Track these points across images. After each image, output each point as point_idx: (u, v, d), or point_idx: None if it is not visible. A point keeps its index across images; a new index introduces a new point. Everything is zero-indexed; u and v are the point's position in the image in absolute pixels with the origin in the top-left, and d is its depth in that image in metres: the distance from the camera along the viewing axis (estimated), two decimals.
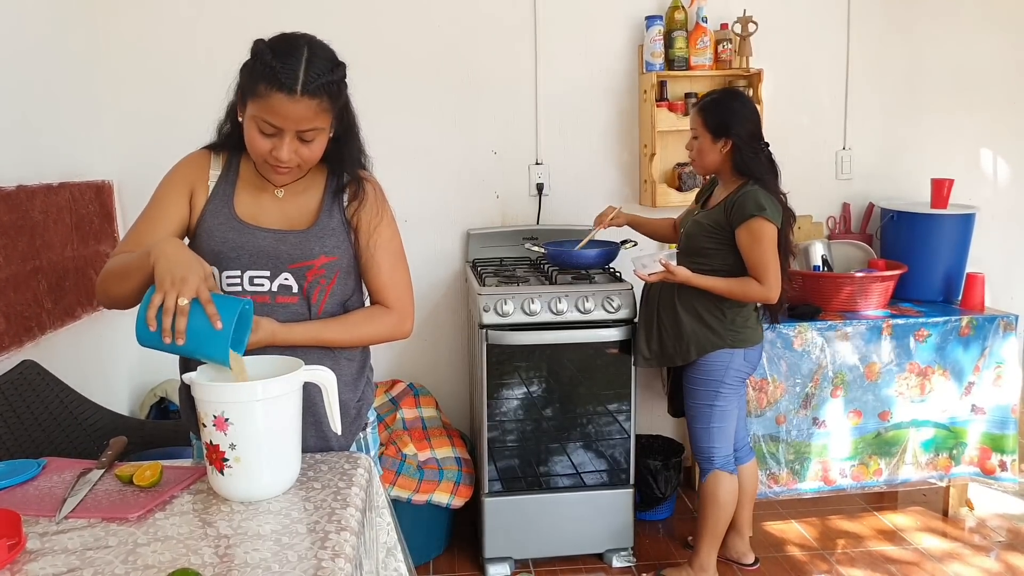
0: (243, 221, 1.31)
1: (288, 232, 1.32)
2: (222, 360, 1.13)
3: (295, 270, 1.31)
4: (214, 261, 1.29)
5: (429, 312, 2.82)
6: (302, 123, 1.21)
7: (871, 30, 2.91)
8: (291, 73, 1.18)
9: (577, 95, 2.80)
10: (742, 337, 2.12)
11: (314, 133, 1.24)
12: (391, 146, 2.73)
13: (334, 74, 1.23)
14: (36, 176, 2.05)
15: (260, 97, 1.20)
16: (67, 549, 1.04)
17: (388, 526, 1.37)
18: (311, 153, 1.26)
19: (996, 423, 2.60)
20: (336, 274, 1.34)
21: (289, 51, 1.20)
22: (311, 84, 1.19)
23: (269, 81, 1.18)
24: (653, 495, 2.65)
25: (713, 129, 2.07)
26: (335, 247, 1.33)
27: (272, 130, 1.22)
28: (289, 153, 1.23)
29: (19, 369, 1.84)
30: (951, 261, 2.74)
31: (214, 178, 1.34)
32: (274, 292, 1.31)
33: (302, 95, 1.19)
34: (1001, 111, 3.02)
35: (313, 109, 1.21)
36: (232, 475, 1.14)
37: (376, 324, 1.37)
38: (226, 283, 1.31)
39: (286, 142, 1.22)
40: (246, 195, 1.34)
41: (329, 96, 1.22)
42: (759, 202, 2.00)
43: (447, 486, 2.38)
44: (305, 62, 1.19)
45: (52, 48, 2.23)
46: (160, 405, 2.53)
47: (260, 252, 1.30)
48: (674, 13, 2.70)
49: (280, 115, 1.20)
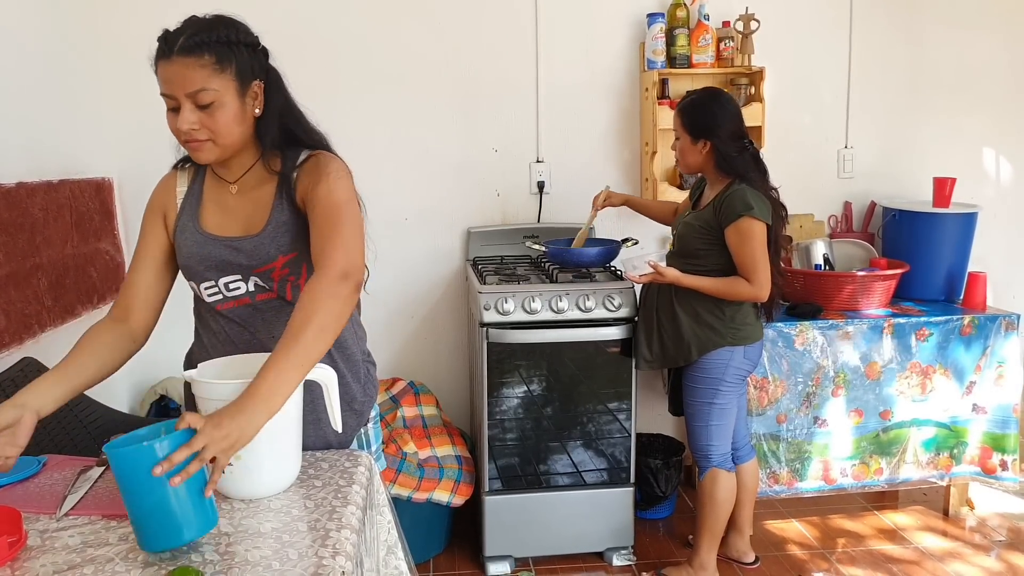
0: (205, 233, 1.32)
1: (243, 239, 1.30)
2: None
3: (260, 274, 1.30)
4: (189, 276, 1.34)
5: (429, 310, 2.81)
6: (186, 85, 1.19)
7: (873, 28, 2.90)
8: (172, 39, 1.20)
9: (578, 93, 2.79)
10: (742, 335, 2.11)
11: (206, 96, 1.20)
12: (392, 144, 2.73)
13: (216, 33, 1.21)
14: (36, 173, 2.05)
15: (156, 75, 1.22)
16: (68, 546, 1.03)
17: (389, 524, 1.37)
18: (214, 122, 1.22)
19: (997, 422, 2.60)
20: (303, 267, 1.31)
21: (183, 24, 1.23)
22: (188, 43, 1.19)
23: (156, 54, 1.22)
24: (653, 494, 2.65)
25: (691, 130, 2.08)
26: (291, 243, 1.29)
27: (172, 103, 1.22)
28: (188, 122, 1.21)
29: (19, 366, 1.84)
30: (953, 260, 2.74)
31: (181, 195, 1.36)
32: (252, 292, 1.32)
33: (177, 54, 1.19)
34: (1004, 110, 3.01)
35: (193, 68, 1.19)
36: (232, 473, 1.14)
37: (318, 307, 1.11)
38: (206, 294, 1.33)
39: (184, 111, 1.21)
40: (211, 204, 1.34)
41: (213, 55, 1.20)
42: (746, 201, 2.00)
43: (447, 484, 2.38)
44: (188, 27, 1.21)
45: (52, 45, 2.23)
46: (160, 403, 2.53)
47: (223, 262, 1.30)
48: (676, 11, 2.69)
49: (165, 81, 1.21)
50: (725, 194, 2.05)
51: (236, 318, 1.33)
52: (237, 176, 1.33)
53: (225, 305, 1.32)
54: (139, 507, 0.98)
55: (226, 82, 1.22)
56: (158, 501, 0.97)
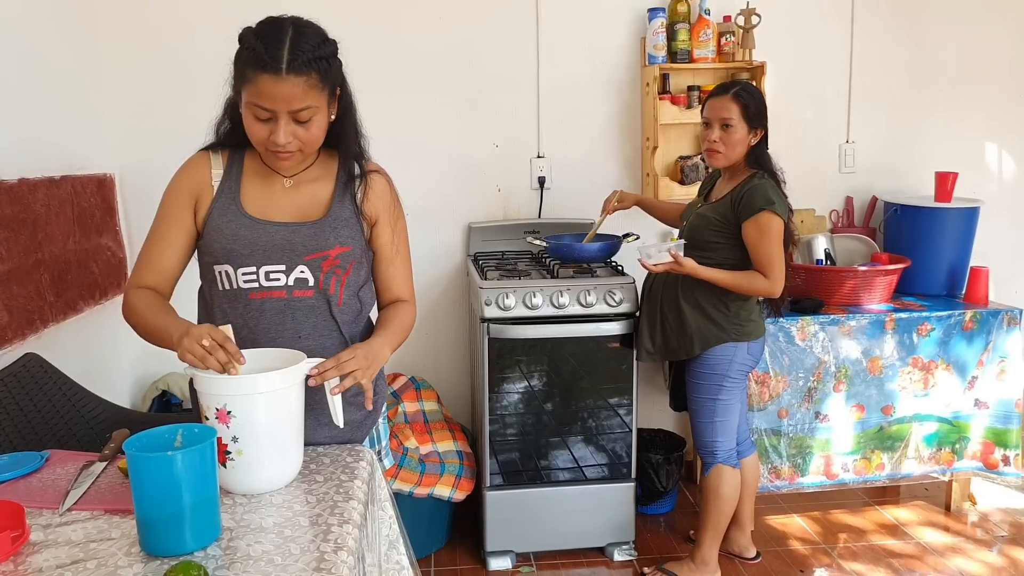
0: (253, 217, 1.31)
1: (301, 224, 1.31)
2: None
3: (310, 262, 1.30)
4: (227, 259, 1.30)
5: (431, 306, 2.82)
6: (292, 103, 1.20)
7: (875, 22, 2.89)
8: (275, 53, 1.18)
9: (579, 88, 2.79)
10: (746, 330, 2.11)
11: (308, 113, 1.22)
12: (393, 139, 2.72)
13: (320, 50, 1.21)
14: (38, 169, 2.05)
15: (249, 82, 1.20)
16: (70, 541, 1.04)
17: (390, 519, 1.38)
18: (310, 135, 1.25)
19: (999, 418, 2.60)
20: (351, 264, 1.34)
21: (273, 32, 1.20)
22: (296, 61, 1.18)
23: (255, 64, 1.18)
24: (654, 489, 2.65)
25: (750, 118, 2.04)
26: (349, 237, 1.33)
27: (266, 115, 1.21)
28: (286, 136, 1.22)
29: (22, 362, 1.84)
30: (955, 255, 2.73)
31: (217, 177, 1.33)
32: (290, 287, 1.31)
33: (287, 73, 1.18)
34: (1006, 104, 3.00)
35: (301, 87, 1.19)
36: (234, 468, 1.14)
37: (408, 319, 1.42)
38: (242, 280, 1.30)
39: (281, 125, 1.21)
40: (253, 190, 1.33)
41: (318, 73, 1.21)
42: (767, 196, 1.99)
43: (449, 479, 2.38)
44: (289, 41, 1.19)
45: (54, 41, 2.23)
46: (162, 398, 2.53)
47: (274, 246, 1.29)
48: (677, 5, 2.68)
49: (269, 97, 1.19)
50: (745, 188, 2.03)
51: (266, 310, 1.31)
52: (295, 172, 1.34)
53: (259, 295, 1.31)
54: (151, 513, 0.98)
55: (323, 97, 1.24)
56: (171, 511, 0.97)
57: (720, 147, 2.06)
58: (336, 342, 1.34)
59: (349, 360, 1.21)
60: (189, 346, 1.13)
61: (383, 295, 1.44)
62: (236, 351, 1.14)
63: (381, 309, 1.45)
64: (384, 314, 1.42)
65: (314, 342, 1.32)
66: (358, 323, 1.40)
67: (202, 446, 1.00)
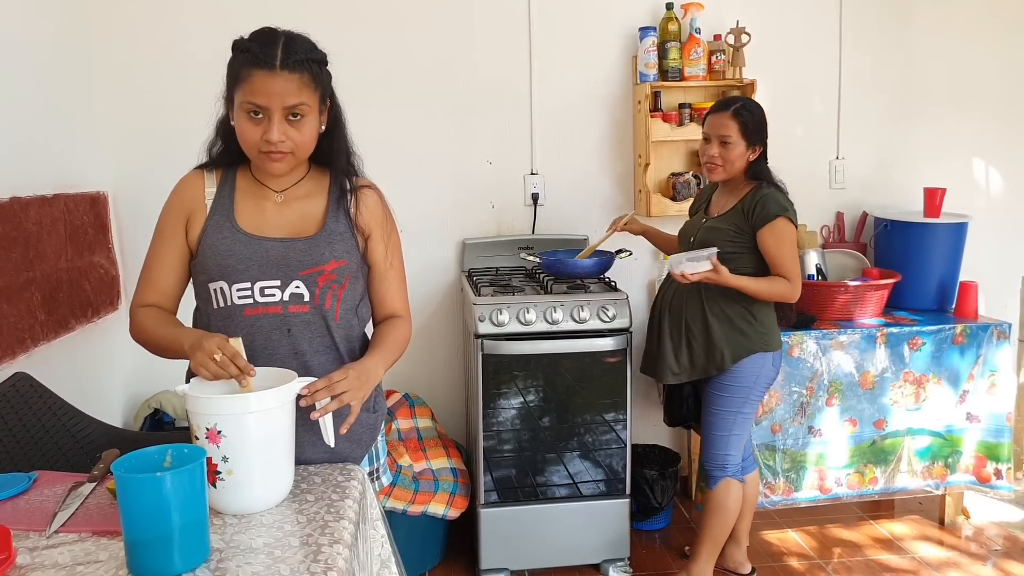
0: (247, 233, 1.32)
1: (296, 239, 1.32)
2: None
3: (306, 277, 1.31)
4: (222, 275, 1.31)
5: (424, 322, 2.81)
6: (286, 98, 1.22)
7: (864, 40, 2.93)
8: (270, 51, 1.22)
9: (572, 106, 2.81)
10: (771, 340, 2.11)
11: (302, 110, 1.25)
12: (387, 156, 2.74)
13: (312, 53, 1.27)
14: (30, 187, 2.05)
15: (243, 81, 1.23)
16: (57, 564, 1.03)
17: (382, 538, 1.37)
18: (302, 137, 1.27)
19: (991, 431, 2.60)
20: (347, 279, 1.35)
21: (267, 36, 1.25)
22: (289, 59, 1.22)
23: (249, 62, 1.22)
24: (650, 505, 2.64)
25: (749, 135, 2.07)
26: (344, 252, 1.34)
27: (260, 113, 1.24)
28: (279, 134, 1.24)
29: (11, 381, 1.83)
30: (944, 270, 2.75)
31: (211, 195, 1.35)
32: (286, 302, 1.31)
33: (281, 69, 1.22)
34: (993, 121, 3.04)
35: (295, 83, 1.23)
36: (224, 488, 1.14)
37: (403, 335, 1.42)
38: (237, 296, 1.31)
39: (275, 122, 1.23)
40: (246, 207, 1.34)
41: (310, 73, 1.25)
42: (781, 203, 2.03)
43: (443, 497, 2.37)
44: (283, 42, 1.24)
45: (47, 59, 2.23)
46: (154, 416, 2.51)
47: (268, 262, 1.30)
48: (668, 24, 2.71)
49: (263, 93, 1.22)
50: (757, 197, 2.05)
51: (262, 327, 1.31)
52: (285, 187, 1.35)
53: (253, 311, 1.31)
54: (139, 534, 0.97)
55: (315, 98, 1.27)
56: (160, 532, 0.97)
57: (719, 162, 2.10)
58: (333, 358, 1.34)
59: (341, 381, 1.22)
60: (203, 361, 1.15)
61: (378, 311, 1.45)
62: (247, 366, 1.16)
63: (376, 325, 1.45)
64: (379, 331, 1.41)
65: (311, 358, 1.32)
66: (355, 339, 1.40)
67: (191, 466, 0.99)
